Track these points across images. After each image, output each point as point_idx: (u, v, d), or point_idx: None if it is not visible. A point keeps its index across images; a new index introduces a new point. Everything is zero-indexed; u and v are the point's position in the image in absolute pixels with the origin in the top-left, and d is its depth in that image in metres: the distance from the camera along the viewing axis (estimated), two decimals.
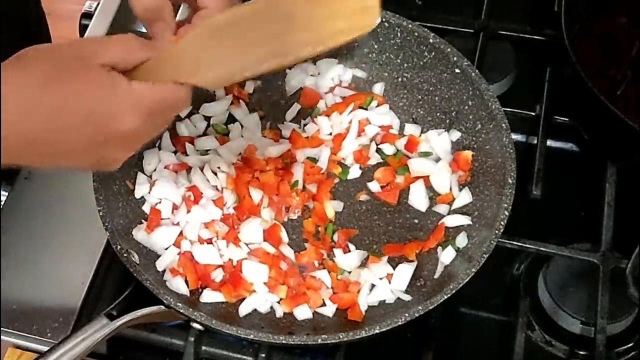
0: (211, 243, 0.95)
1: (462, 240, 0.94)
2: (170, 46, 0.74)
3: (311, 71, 1.10)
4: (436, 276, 0.93)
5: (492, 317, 1.00)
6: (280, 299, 0.93)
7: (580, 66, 0.98)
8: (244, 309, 0.92)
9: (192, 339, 0.91)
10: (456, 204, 0.99)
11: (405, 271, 0.93)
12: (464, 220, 0.96)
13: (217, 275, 0.93)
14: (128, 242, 0.92)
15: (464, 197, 0.98)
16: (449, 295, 0.85)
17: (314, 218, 0.99)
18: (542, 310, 0.97)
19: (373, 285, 0.93)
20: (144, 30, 0.76)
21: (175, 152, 1.02)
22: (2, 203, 1.03)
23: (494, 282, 1.01)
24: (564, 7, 1.04)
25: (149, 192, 0.98)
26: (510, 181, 0.92)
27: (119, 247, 0.88)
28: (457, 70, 1.01)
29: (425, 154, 1.02)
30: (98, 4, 1.17)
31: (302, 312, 0.91)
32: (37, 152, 0.69)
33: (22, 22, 1.21)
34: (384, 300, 0.93)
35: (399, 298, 0.92)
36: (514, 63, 1.15)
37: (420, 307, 0.85)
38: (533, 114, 1.09)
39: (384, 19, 1.04)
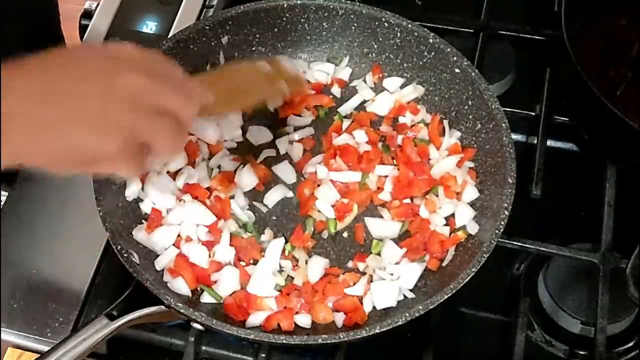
0: (211, 244, 0.95)
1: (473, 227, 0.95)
2: None
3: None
4: (444, 264, 0.93)
5: (492, 317, 1.00)
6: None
7: (580, 66, 0.98)
8: (250, 322, 0.90)
9: (192, 339, 0.91)
10: (464, 199, 0.98)
11: (415, 270, 0.93)
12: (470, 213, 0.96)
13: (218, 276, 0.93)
14: (128, 242, 0.92)
15: (471, 193, 0.97)
16: (449, 295, 0.85)
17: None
18: (542, 310, 0.97)
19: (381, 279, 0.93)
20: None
21: None
22: (2, 203, 1.03)
23: (494, 282, 1.01)
24: (564, 7, 1.04)
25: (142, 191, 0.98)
26: (510, 181, 0.92)
27: (119, 247, 0.88)
28: (457, 70, 1.01)
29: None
30: (98, 4, 1.17)
31: (303, 320, 0.91)
32: None
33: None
34: None
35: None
36: (514, 63, 1.15)
37: (420, 307, 0.85)
38: (533, 114, 1.09)
39: (384, 19, 1.05)
